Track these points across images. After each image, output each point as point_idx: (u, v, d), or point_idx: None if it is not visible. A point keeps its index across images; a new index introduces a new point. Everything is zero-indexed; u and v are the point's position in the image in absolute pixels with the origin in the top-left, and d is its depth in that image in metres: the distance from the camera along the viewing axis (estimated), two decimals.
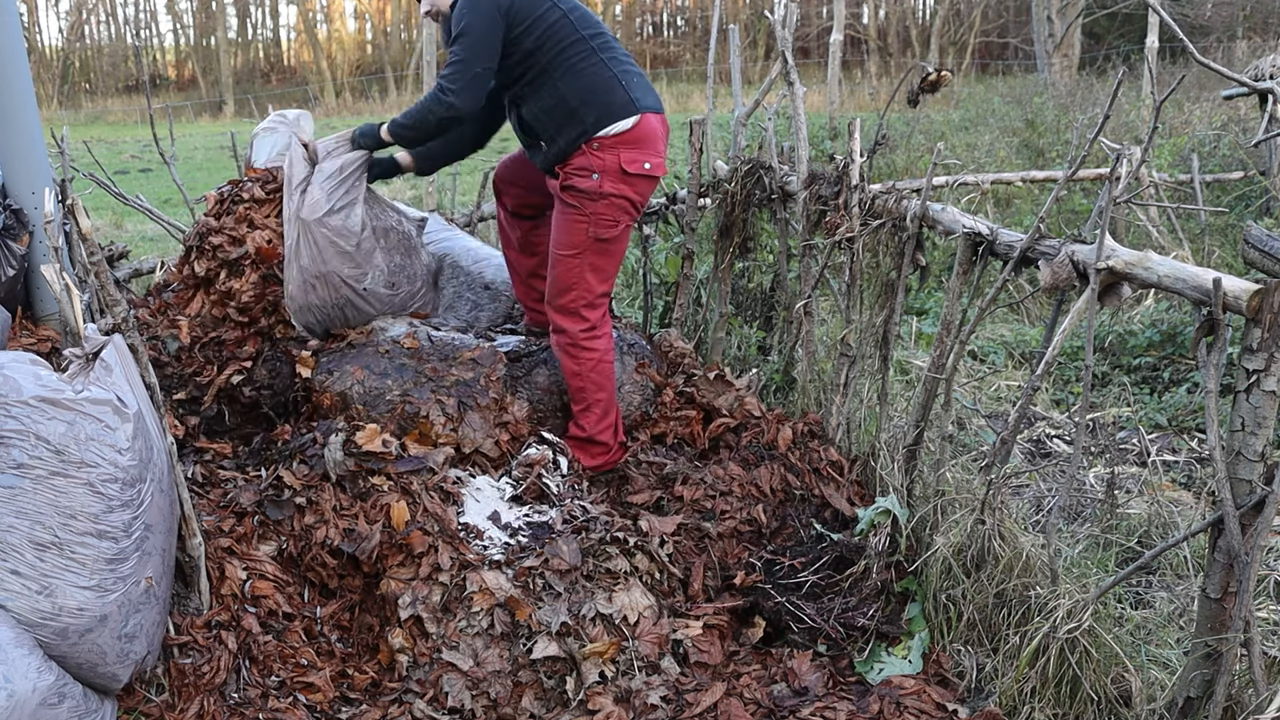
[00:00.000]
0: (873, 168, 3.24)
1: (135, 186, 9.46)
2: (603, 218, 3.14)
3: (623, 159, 3.10)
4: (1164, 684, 2.29)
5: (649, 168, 3.14)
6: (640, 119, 3.12)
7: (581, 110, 3.07)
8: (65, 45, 29.54)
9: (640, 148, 3.13)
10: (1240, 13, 16.46)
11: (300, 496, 2.80)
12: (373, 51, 30.64)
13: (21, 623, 2.00)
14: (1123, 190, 2.40)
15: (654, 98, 3.21)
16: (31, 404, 2.02)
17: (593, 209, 3.12)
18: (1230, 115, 8.50)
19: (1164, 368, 4.67)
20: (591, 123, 3.08)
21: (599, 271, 3.21)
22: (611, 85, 3.10)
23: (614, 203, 3.13)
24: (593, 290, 3.22)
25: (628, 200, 3.15)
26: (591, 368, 3.24)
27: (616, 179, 3.10)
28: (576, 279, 3.19)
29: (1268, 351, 1.86)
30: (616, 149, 3.09)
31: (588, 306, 3.22)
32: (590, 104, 3.07)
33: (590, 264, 3.18)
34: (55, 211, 2.58)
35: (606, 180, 3.10)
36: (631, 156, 3.11)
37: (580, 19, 3.13)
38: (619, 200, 3.13)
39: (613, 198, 3.12)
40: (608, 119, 3.08)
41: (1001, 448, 2.53)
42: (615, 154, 3.09)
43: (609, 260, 3.22)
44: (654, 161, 3.16)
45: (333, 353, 3.23)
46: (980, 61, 22.79)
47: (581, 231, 3.15)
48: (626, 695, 2.49)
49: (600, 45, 3.14)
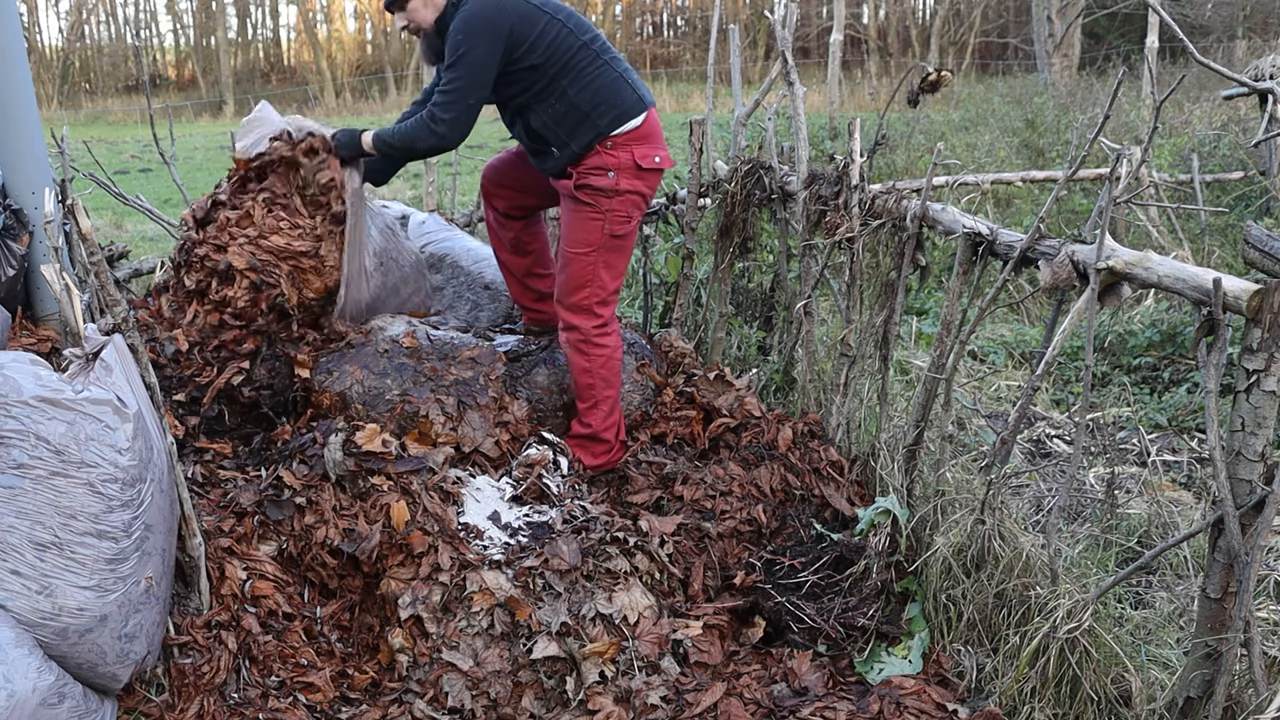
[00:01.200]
0: (873, 168, 3.24)
1: (135, 186, 9.46)
2: (617, 214, 3.19)
3: (636, 154, 3.17)
4: (1164, 684, 2.29)
5: (659, 160, 3.22)
6: (647, 114, 3.21)
7: (594, 114, 3.12)
8: (65, 45, 29.54)
9: (650, 142, 3.21)
10: (1240, 13, 16.45)
11: (300, 496, 2.79)
12: (373, 51, 30.64)
13: (21, 623, 2.00)
14: (1123, 190, 2.40)
15: (649, 93, 3.30)
16: (31, 404, 2.02)
17: (609, 206, 3.17)
18: (1230, 115, 8.51)
19: (1164, 368, 4.67)
20: (606, 124, 3.14)
21: (612, 268, 3.25)
22: (619, 86, 3.17)
23: (628, 199, 3.19)
24: (606, 287, 3.25)
25: (640, 195, 3.23)
26: (602, 364, 3.26)
27: (632, 175, 3.17)
28: (590, 276, 3.22)
29: (1268, 351, 1.86)
30: (630, 146, 3.17)
31: (600, 304, 3.25)
32: (602, 106, 3.13)
33: (604, 261, 3.22)
34: (55, 211, 2.58)
35: (622, 177, 3.16)
36: (644, 151, 3.19)
37: (577, 25, 3.16)
38: (633, 196, 3.20)
39: (628, 194, 3.19)
40: (623, 119, 3.15)
41: (1001, 448, 2.53)
42: (629, 150, 3.16)
43: (621, 257, 3.27)
44: (662, 154, 3.25)
45: (332, 353, 3.23)
46: (980, 61, 22.79)
47: (596, 229, 3.18)
48: (626, 695, 2.49)
49: (600, 49, 3.19)
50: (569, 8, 3.21)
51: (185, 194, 4.77)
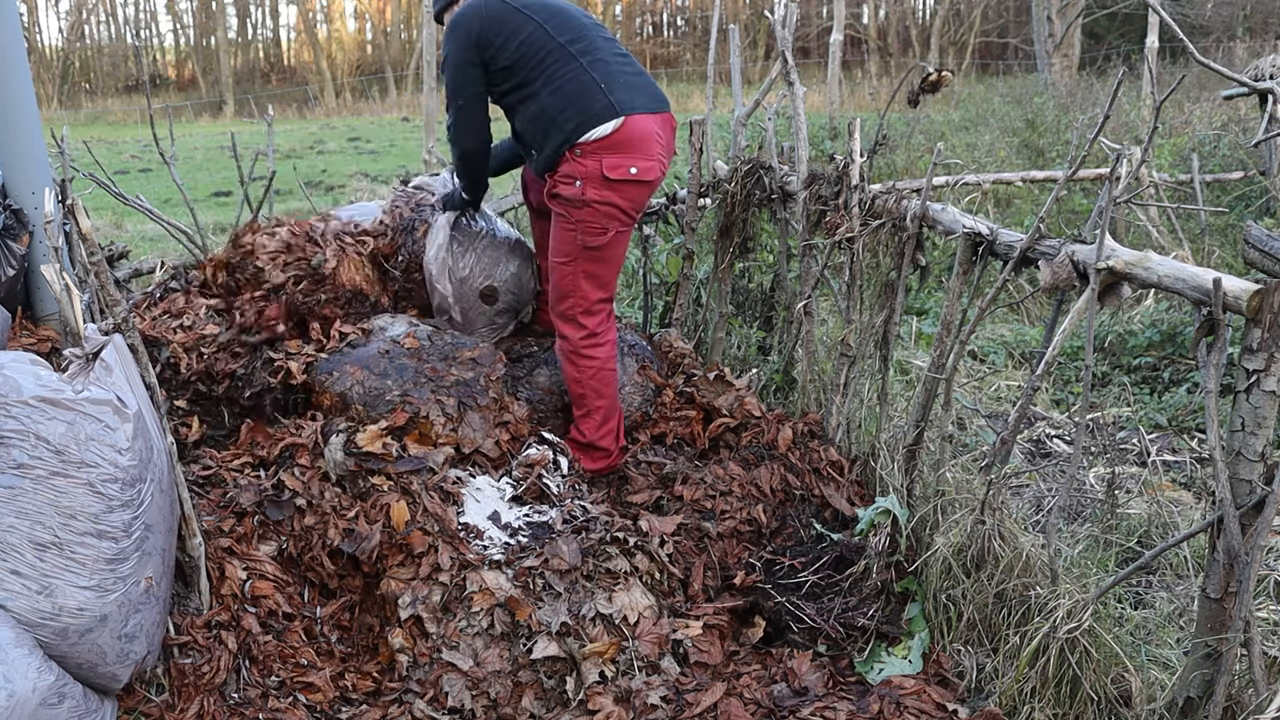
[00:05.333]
0: (873, 168, 3.23)
1: (135, 186, 9.47)
2: (589, 225, 3.08)
3: (605, 165, 3.02)
4: (1164, 684, 2.29)
5: (635, 172, 3.04)
6: (623, 122, 3.02)
7: (561, 119, 3.02)
8: (65, 45, 29.56)
9: (624, 152, 3.03)
10: (1240, 13, 16.46)
11: (300, 497, 2.80)
12: (373, 51, 30.68)
13: (21, 623, 2.00)
14: (1123, 190, 2.40)
15: (649, 98, 3.11)
16: (32, 404, 2.02)
17: (579, 216, 3.08)
18: (1230, 115, 8.51)
19: (1164, 368, 4.67)
20: (571, 130, 3.02)
21: (594, 279, 3.17)
22: (589, 90, 3.02)
23: (599, 210, 3.06)
24: (589, 297, 3.19)
25: (614, 207, 3.07)
26: (592, 375, 3.23)
27: (600, 185, 3.03)
28: (572, 286, 3.18)
29: (1268, 351, 1.86)
30: (599, 155, 3.02)
31: (585, 313, 3.20)
32: (569, 111, 3.01)
33: (584, 271, 3.15)
34: (55, 211, 2.58)
35: (589, 187, 3.03)
36: (615, 162, 3.02)
37: (558, 26, 3.07)
38: (604, 207, 3.06)
39: (597, 205, 3.05)
40: (587, 125, 3.00)
41: (1001, 448, 2.53)
42: (598, 160, 3.02)
43: (603, 267, 3.18)
44: (642, 165, 3.06)
45: (333, 353, 3.23)
46: (980, 61, 22.80)
47: (571, 239, 3.12)
48: (626, 695, 2.49)
49: (581, 50, 3.06)
50: (562, 7, 3.14)
51: (185, 194, 4.77)
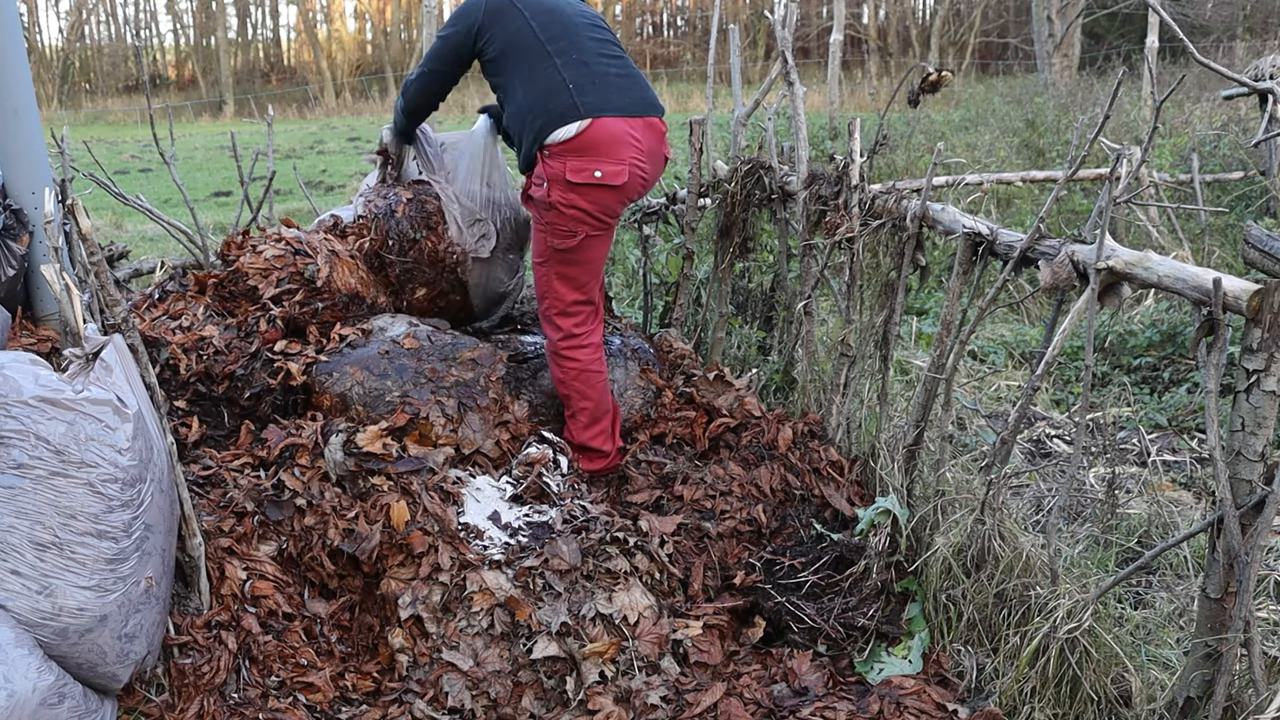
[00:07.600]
0: (873, 168, 3.23)
1: (135, 186, 9.47)
2: (557, 228, 3.06)
3: (568, 168, 2.97)
4: (1164, 684, 2.29)
5: (599, 176, 2.97)
6: (589, 125, 2.95)
7: (530, 117, 3.01)
8: (65, 45, 29.56)
9: (588, 155, 2.97)
10: (1240, 13, 16.46)
11: (300, 497, 2.80)
12: (373, 51, 30.67)
13: (21, 623, 2.00)
14: (1123, 190, 2.40)
15: (629, 100, 3.04)
16: (31, 404, 2.02)
17: (547, 218, 3.07)
18: (1230, 115, 8.51)
19: (1164, 368, 4.67)
20: (538, 130, 3.00)
21: (568, 280, 3.15)
22: (556, 91, 2.97)
23: (565, 213, 3.02)
24: (563, 299, 3.16)
25: (580, 210, 3.02)
26: (574, 376, 3.21)
27: (563, 188, 2.99)
28: (547, 288, 3.18)
29: (1268, 351, 1.86)
30: (564, 157, 2.98)
31: (561, 315, 3.18)
32: (536, 110, 2.99)
33: (556, 273, 3.14)
34: (55, 211, 2.58)
35: (554, 189, 3.00)
36: (578, 165, 2.97)
37: (545, 24, 3.04)
38: (569, 210, 3.01)
39: (561, 207, 3.01)
40: (550, 126, 2.97)
41: (1001, 448, 2.53)
42: (562, 162, 2.98)
43: (577, 269, 3.14)
44: (608, 169, 2.98)
45: (332, 354, 3.23)
46: (980, 61, 22.80)
47: (542, 240, 3.13)
48: (626, 695, 2.49)
49: (559, 50, 3.01)
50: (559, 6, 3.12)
51: (185, 194, 4.77)
